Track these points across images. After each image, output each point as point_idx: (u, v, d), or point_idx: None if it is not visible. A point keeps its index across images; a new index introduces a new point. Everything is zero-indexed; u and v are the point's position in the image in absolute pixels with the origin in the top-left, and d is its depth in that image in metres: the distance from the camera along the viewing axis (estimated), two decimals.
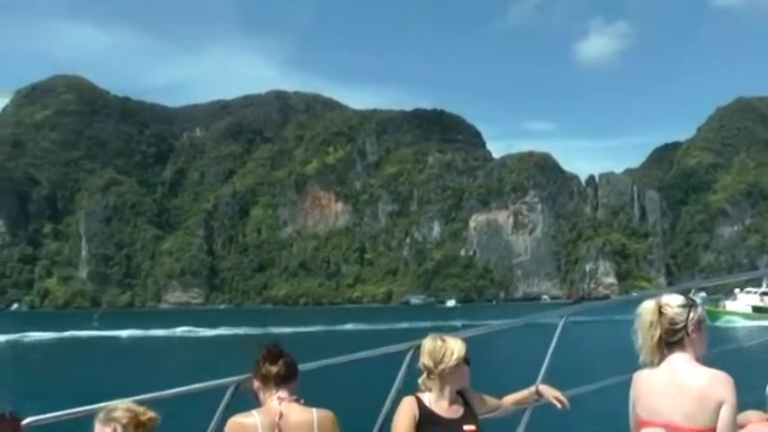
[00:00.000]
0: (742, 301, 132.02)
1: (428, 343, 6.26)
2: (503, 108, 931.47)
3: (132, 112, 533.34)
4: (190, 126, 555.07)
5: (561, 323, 7.76)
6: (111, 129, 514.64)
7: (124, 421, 5.66)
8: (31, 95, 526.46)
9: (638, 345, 5.36)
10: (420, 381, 6.34)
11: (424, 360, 6.23)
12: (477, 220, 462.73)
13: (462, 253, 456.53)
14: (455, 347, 6.17)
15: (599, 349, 76.68)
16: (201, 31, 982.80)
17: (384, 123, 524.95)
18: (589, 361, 58.70)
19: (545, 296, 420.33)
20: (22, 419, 5.39)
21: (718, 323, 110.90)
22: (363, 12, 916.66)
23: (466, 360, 6.26)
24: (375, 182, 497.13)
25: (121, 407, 5.77)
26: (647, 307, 5.32)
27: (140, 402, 5.86)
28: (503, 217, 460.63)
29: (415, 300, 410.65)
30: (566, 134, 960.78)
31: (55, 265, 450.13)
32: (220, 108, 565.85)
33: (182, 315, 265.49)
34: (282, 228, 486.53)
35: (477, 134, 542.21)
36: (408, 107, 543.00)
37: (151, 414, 5.77)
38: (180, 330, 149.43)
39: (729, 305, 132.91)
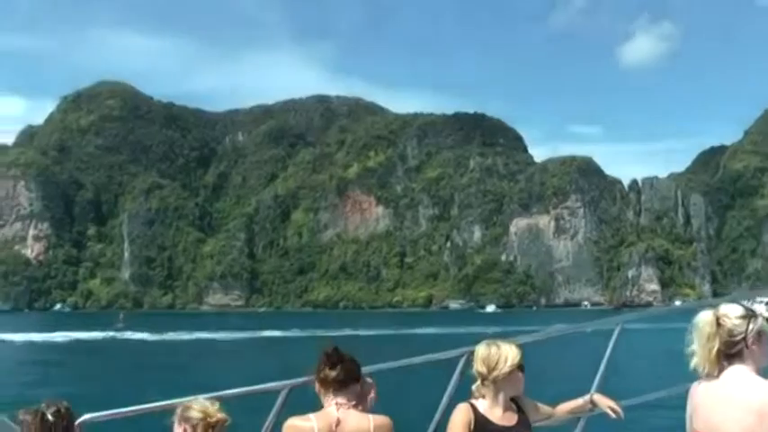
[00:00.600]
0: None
1: (482, 349, 6.19)
2: (546, 112, 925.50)
3: (175, 117, 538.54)
4: (232, 130, 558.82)
5: (617, 331, 7.55)
6: (155, 133, 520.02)
7: (194, 422, 5.71)
8: (76, 101, 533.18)
9: (695, 356, 5.18)
10: (474, 387, 6.25)
11: (478, 366, 6.14)
12: (517, 224, 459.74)
13: (503, 258, 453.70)
14: (509, 354, 6.08)
15: (651, 359, 74.84)
16: (247, 37, 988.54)
17: (425, 127, 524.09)
18: (642, 370, 57.29)
19: (585, 302, 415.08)
20: (78, 416, 5.40)
21: None
22: (407, 17, 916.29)
23: (520, 367, 6.16)
24: (416, 186, 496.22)
25: (196, 407, 5.79)
26: (705, 318, 5.16)
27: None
28: (544, 222, 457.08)
29: (454, 304, 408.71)
30: (610, 138, 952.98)
31: (98, 266, 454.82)
32: (262, 112, 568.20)
33: (222, 318, 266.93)
34: (323, 231, 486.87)
35: (519, 138, 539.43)
36: (450, 111, 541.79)
37: (220, 416, 5.78)
38: (222, 334, 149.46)
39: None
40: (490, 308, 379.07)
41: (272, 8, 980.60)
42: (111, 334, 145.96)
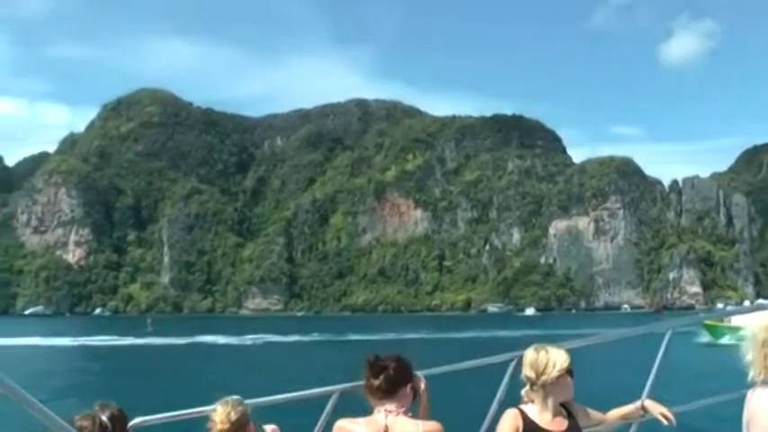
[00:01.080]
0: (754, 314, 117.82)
1: (530, 354, 6.08)
2: (586, 113, 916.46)
3: (214, 123, 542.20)
4: (271, 135, 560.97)
5: (668, 335, 7.42)
6: (194, 139, 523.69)
7: (210, 428, 5.85)
8: (116, 109, 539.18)
9: (749, 362, 4.97)
10: (523, 392, 6.16)
11: (526, 371, 6.05)
12: (557, 226, 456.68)
13: (542, 260, 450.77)
14: (557, 359, 5.95)
15: (702, 364, 72.76)
16: (286, 42, 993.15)
17: (463, 130, 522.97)
18: (692, 375, 56.03)
19: (625, 305, 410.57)
20: (130, 418, 5.43)
21: (721, 341, 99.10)
22: (446, 20, 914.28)
23: (569, 371, 6.04)
24: (454, 188, 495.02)
25: (214, 414, 5.89)
26: (760, 323, 4.93)
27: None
28: (583, 223, 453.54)
29: (492, 308, 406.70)
30: (651, 138, 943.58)
31: (138, 271, 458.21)
32: (301, 117, 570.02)
33: (262, 321, 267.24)
34: (361, 235, 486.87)
35: (557, 139, 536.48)
36: (488, 113, 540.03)
37: (233, 420, 5.82)
38: (266, 337, 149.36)
39: (737, 319, 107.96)
40: (529, 311, 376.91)
41: (311, 13, 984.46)
42: (146, 339, 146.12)
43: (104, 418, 5.19)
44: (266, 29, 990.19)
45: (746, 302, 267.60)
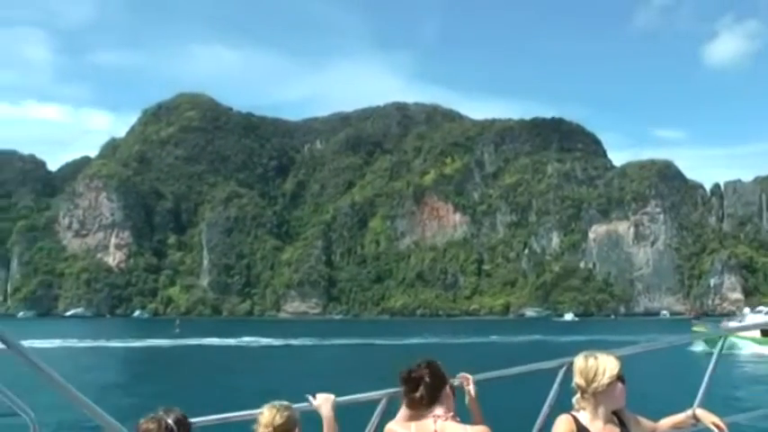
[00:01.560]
0: (750, 323, 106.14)
1: (579, 361, 5.98)
2: (628, 116, 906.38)
3: (254, 127, 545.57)
4: (311, 139, 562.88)
5: (721, 342, 7.35)
6: (233, 143, 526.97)
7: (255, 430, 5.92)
8: (157, 114, 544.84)
9: None
10: (574, 400, 6.05)
11: (577, 379, 5.95)
12: (596, 231, 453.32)
13: (581, 265, 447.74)
14: (607, 366, 5.83)
15: (753, 373, 71.12)
16: (328, 47, 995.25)
17: (502, 133, 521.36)
18: (743, 385, 54.96)
19: (664, 312, 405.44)
20: (190, 422, 5.42)
21: (714, 349, 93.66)
22: (486, 24, 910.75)
23: (620, 378, 5.91)
24: (493, 192, 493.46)
25: (261, 416, 5.93)
26: None
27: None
28: (623, 228, 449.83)
29: (530, 312, 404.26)
30: (694, 141, 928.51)
31: (178, 274, 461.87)
32: (340, 120, 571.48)
33: (301, 325, 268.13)
34: (400, 239, 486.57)
35: (597, 142, 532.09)
36: (528, 116, 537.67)
37: (277, 424, 5.83)
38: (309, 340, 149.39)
39: (733, 328, 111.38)
40: (568, 316, 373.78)
41: (353, 18, 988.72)
42: (184, 340, 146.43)
43: (170, 421, 5.25)
44: (308, 34, 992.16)
45: None
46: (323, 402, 6.27)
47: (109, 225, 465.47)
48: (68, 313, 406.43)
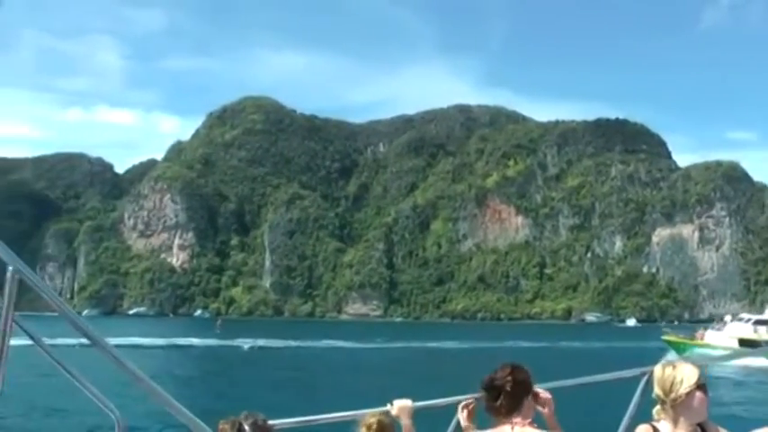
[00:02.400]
0: (728, 332, 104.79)
1: (657, 371, 5.76)
2: (695, 117, 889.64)
3: (318, 129, 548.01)
4: (374, 141, 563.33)
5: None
6: (297, 146, 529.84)
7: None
8: (221, 117, 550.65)
9: None
10: (654, 411, 5.83)
11: (656, 390, 5.73)
12: (660, 234, 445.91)
13: (644, 269, 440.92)
14: (684, 375, 5.58)
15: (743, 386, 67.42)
16: (394, 51, 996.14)
17: (565, 134, 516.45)
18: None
19: (729, 317, 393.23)
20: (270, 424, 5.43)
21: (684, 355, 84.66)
22: (551, 27, 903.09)
23: (701, 388, 5.62)
24: (556, 195, 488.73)
25: (365, 419, 5.97)
26: None
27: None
28: (687, 231, 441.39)
29: (590, 317, 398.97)
30: (763, 142, 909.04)
31: (240, 275, 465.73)
32: (403, 123, 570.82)
33: (363, 326, 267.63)
34: (462, 241, 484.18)
35: (662, 143, 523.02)
36: (591, 117, 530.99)
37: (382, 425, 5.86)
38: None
39: (710, 336, 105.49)
40: (630, 322, 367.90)
41: (419, 23, 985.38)
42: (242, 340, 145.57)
43: (246, 425, 5.25)
44: (373, 38, 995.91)
45: None
46: (401, 410, 6.20)
47: (173, 226, 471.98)
48: (131, 312, 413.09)
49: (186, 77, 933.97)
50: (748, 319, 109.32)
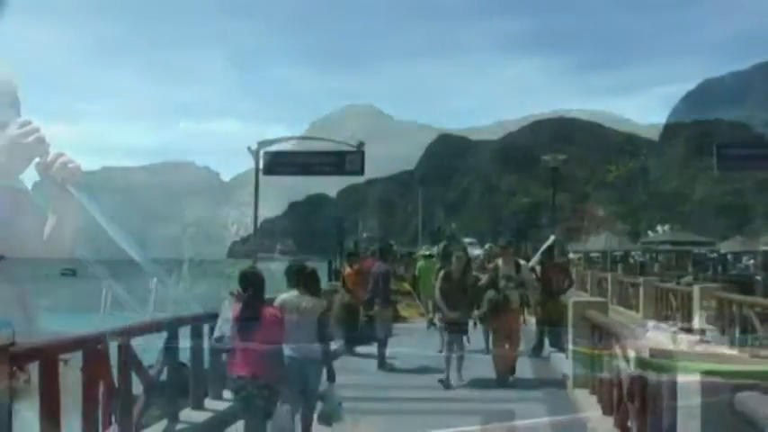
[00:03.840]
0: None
1: None
2: None
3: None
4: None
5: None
6: None
7: None
8: (324, 125, 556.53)
9: None
10: None
11: None
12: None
13: None
14: None
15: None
16: (491, 57, 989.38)
17: (667, 138, 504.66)
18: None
19: None
20: None
21: None
22: None
23: None
24: (657, 200, 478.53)
25: None
26: None
27: None
28: None
29: None
30: None
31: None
32: (500, 128, 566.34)
33: None
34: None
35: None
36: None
37: None
38: None
39: None
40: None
41: (516, 26, 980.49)
42: None
43: None
44: (469, 43, 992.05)
45: None
46: None
47: (274, 233, 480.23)
48: None
49: (291, 86, 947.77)
50: (669, 326, 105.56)
